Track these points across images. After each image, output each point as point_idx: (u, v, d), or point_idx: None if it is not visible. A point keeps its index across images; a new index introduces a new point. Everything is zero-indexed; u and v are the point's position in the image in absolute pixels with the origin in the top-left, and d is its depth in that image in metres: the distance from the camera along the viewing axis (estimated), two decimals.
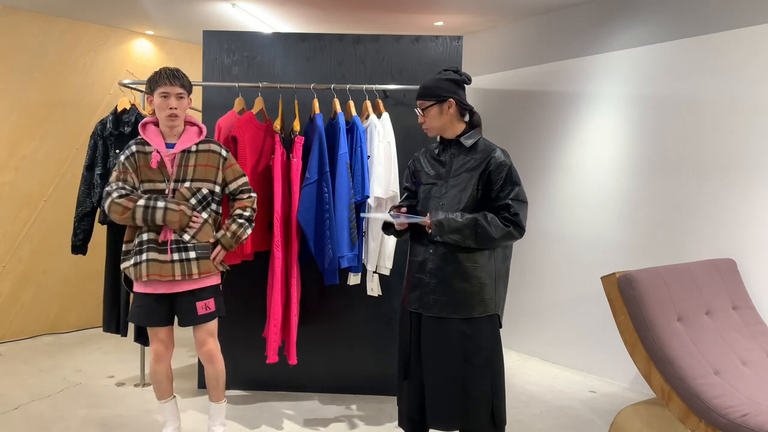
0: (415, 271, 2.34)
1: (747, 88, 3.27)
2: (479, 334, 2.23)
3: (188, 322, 2.68)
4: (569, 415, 3.38)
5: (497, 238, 2.19)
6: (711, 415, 2.35)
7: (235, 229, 2.68)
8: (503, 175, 2.22)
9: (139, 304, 2.65)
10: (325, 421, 3.22)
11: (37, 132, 4.57)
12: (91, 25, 4.82)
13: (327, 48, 3.52)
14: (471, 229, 2.18)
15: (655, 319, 2.56)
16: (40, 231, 4.62)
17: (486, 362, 2.22)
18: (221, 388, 2.80)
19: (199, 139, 2.66)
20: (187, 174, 2.61)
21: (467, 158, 2.28)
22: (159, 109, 2.58)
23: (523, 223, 2.22)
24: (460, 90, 2.32)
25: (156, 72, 2.60)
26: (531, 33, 4.51)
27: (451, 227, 2.19)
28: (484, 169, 2.23)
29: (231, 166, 2.73)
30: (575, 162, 4.15)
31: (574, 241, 4.15)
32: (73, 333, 4.82)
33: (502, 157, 2.24)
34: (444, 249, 2.25)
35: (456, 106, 2.29)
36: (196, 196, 2.62)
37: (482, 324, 2.24)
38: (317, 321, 3.52)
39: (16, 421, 3.10)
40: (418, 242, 2.34)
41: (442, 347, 2.24)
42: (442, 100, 2.28)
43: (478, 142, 2.30)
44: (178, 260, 2.57)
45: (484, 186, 2.24)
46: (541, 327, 4.38)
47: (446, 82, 2.29)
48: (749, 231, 3.25)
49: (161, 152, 2.59)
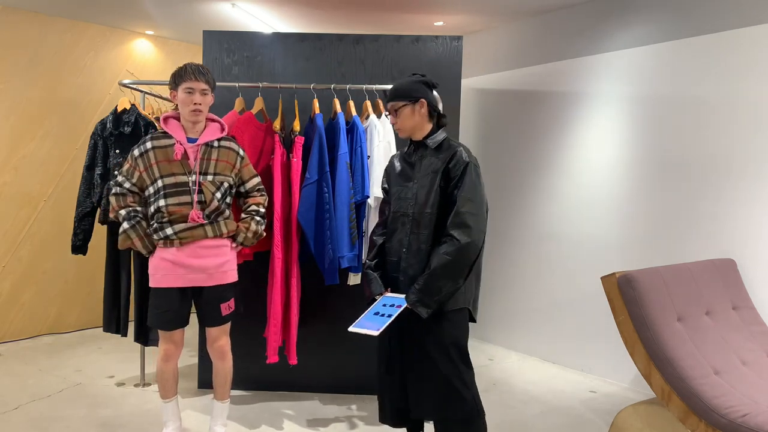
0: (391, 271, 2.42)
1: (747, 88, 3.27)
2: (449, 328, 2.28)
3: (212, 323, 2.73)
4: (569, 415, 3.38)
5: (456, 263, 2.20)
6: (711, 415, 2.35)
7: (255, 228, 2.75)
8: (459, 172, 2.26)
9: (162, 308, 2.64)
10: (326, 421, 3.22)
11: (37, 132, 4.57)
12: (91, 25, 4.82)
13: (327, 48, 3.52)
14: (435, 280, 2.20)
15: (655, 319, 2.56)
16: (40, 231, 4.62)
17: (457, 354, 2.28)
18: (228, 386, 2.82)
19: (222, 135, 2.70)
20: (209, 167, 2.64)
21: (433, 158, 2.35)
22: (183, 105, 2.60)
23: (468, 222, 2.21)
24: (429, 92, 2.41)
25: (181, 67, 2.61)
26: (531, 33, 4.51)
27: (430, 293, 2.21)
28: (444, 168, 2.29)
29: (247, 165, 2.79)
30: (575, 162, 4.15)
31: (573, 241, 4.15)
32: (73, 333, 4.82)
33: (463, 155, 2.29)
34: (416, 247, 2.31)
35: (427, 107, 2.37)
36: (220, 189, 2.67)
37: (451, 317, 2.28)
38: (317, 321, 3.52)
39: (16, 421, 3.11)
40: (393, 243, 2.41)
41: (419, 340, 2.30)
42: (415, 101, 2.36)
43: (443, 143, 2.37)
44: (209, 223, 2.64)
45: (444, 184, 2.30)
46: (541, 327, 4.38)
47: (418, 84, 2.39)
48: (749, 231, 3.25)
49: (184, 144, 2.61)
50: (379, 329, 2.19)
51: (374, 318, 2.28)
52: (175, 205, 2.59)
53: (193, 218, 2.59)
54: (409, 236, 2.34)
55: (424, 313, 2.21)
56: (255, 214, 2.76)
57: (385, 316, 2.25)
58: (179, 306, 2.65)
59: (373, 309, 2.33)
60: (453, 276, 2.22)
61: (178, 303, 2.64)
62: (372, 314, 2.31)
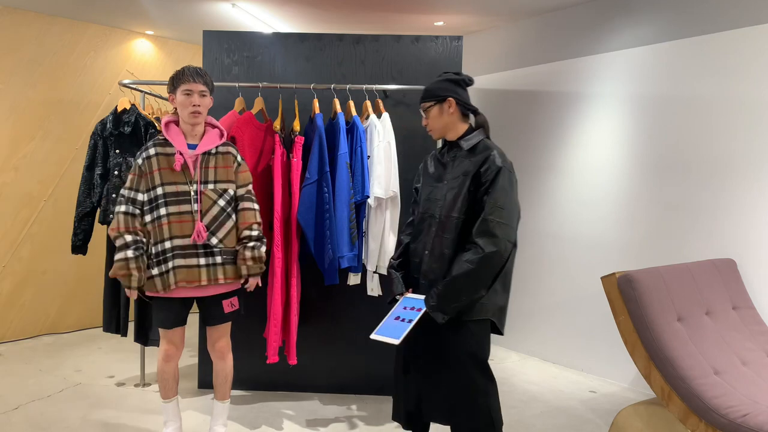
0: (413, 272, 2.36)
1: (747, 88, 3.27)
2: (468, 338, 2.21)
3: (214, 321, 2.72)
4: (569, 415, 3.38)
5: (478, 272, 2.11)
6: (711, 415, 2.35)
7: (249, 255, 2.65)
8: (490, 177, 2.15)
9: (165, 308, 2.64)
10: (325, 421, 3.22)
11: (37, 132, 4.57)
12: (91, 25, 4.82)
13: (327, 48, 3.52)
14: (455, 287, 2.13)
15: (655, 319, 2.56)
16: (40, 231, 4.62)
17: (474, 366, 2.21)
18: (228, 386, 2.82)
19: (221, 142, 2.68)
20: (209, 176, 2.62)
21: (465, 160, 2.25)
22: (181, 107, 2.58)
23: (494, 231, 2.11)
24: (459, 89, 2.31)
25: (179, 70, 2.60)
26: (531, 33, 4.51)
27: (449, 300, 2.14)
28: (476, 172, 2.19)
29: (243, 172, 2.74)
30: (575, 162, 4.15)
31: (574, 241, 4.15)
32: (73, 333, 4.82)
33: (496, 159, 2.18)
34: (439, 251, 2.24)
35: (456, 106, 2.28)
36: (223, 197, 2.64)
37: (471, 328, 2.21)
38: (317, 321, 3.53)
39: (16, 421, 3.10)
40: (418, 245, 2.35)
41: (436, 347, 2.25)
42: (441, 100, 2.28)
43: (478, 144, 2.26)
44: (205, 265, 2.59)
45: (474, 188, 2.20)
46: (541, 327, 4.38)
47: (445, 83, 2.30)
48: (749, 231, 3.25)
49: (184, 154, 2.58)
50: (400, 338, 2.14)
51: (395, 324, 2.23)
52: (176, 215, 2.56)
53: (195, 238, 2.55)
54: (434, 239, 2.27)
55: (440, 319, 2.15)
56: (247, 241, 2.67)
57: (405, 322, 2.19)
58: (179, 307, 2.66)
59: (394, 313, 2.29)
60: (474, 285, 2.14)
61: (179, 303, 2.65)
62: (392, 319, 2.26)
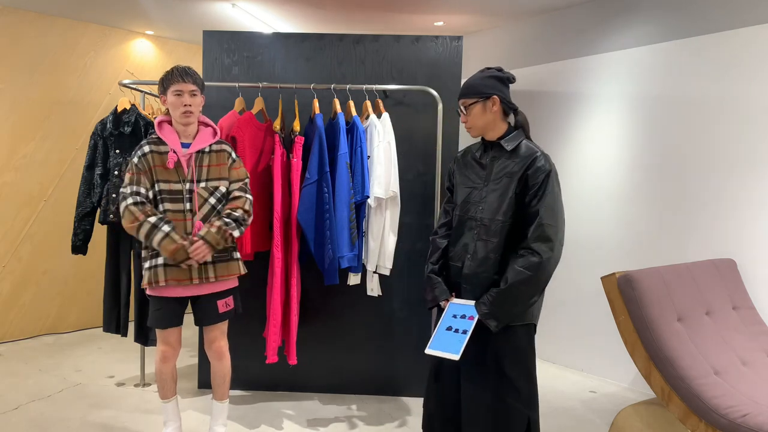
0: (454, 276, 2.26)
1: (747, 88, 3.27)
2: (514, 343, 2.15)
3: (208, 322, 2.72)
4: (569, 415, 3.37)
5: (535, 279, 2.06)
6: (711, 415, 2.35)
7: (219, 224, 2.58)
8: (540, 181, 2.09)
9: (159, 307, 2.64)
10: (325, 421, 3.22)
11: (37, 132, 4.57)
12: (91, 25, 4.82)
13: (327, 48, 3.52)
14: (512, 295, 2.06)
15: (655, 319, 2.56)
16: (40, 231, 4.61)
17: (520, 373, 2.14)
18: (227, 386, 2.82)
19: (214, 140, 2.69)
20: (202, 174, 2.63)
21: (508, 162, 2.17)
22: (173, 108, 2.59)
23: (551, 236, 2.08)
24: (504, 88, 2.22)
25: (168, 71, 2.61)
26: (531, 33, 4.51)
27: (503, 307, 2.07)
28: (522, 174, 2.12)
29: (237, 168, 2.73)
30: (575, 162, 4.15)
31: (574, 241, 4.13)
32: (73, 333, 4.82)
33: (543, 162, 2.11)
34: (483, 255, 2.16)
35: (500, 105, 2.19)
36: (214, 195, 2.65)
37: (518, 332, 2.16)
38: (317, 321, 3.52)
39: (16, 421, 3.10)
40: (458, 248, 2.26)
41: (480, 353, 2.15)
42: (486, 97, 2.18)
43: (520, 145, 2.18)
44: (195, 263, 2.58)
45: (520, 191, 2.13)
46: (542, 327, 4.33)
47: (489, 79, 2.20)
48: (749, 231, 3.25)
49: (177, 152, 2.59)
50: (459, 352, 2.04)
51: (448, 336, 2.12)
52: (172, 212, 2.58)
53: (195, 233, 2.57)
54: (476, 242, 2.17)
55: (493, 327, 2.07)
56: (226, 216, 2.61)
57: (459, 332, 2.09)
58: (174, 307, 2.66)
59: (444, 322, 2.17)
60: (531, 292, 2.09)
61: (173, 303, 2.65)
62: (444, 330, 2.15)
